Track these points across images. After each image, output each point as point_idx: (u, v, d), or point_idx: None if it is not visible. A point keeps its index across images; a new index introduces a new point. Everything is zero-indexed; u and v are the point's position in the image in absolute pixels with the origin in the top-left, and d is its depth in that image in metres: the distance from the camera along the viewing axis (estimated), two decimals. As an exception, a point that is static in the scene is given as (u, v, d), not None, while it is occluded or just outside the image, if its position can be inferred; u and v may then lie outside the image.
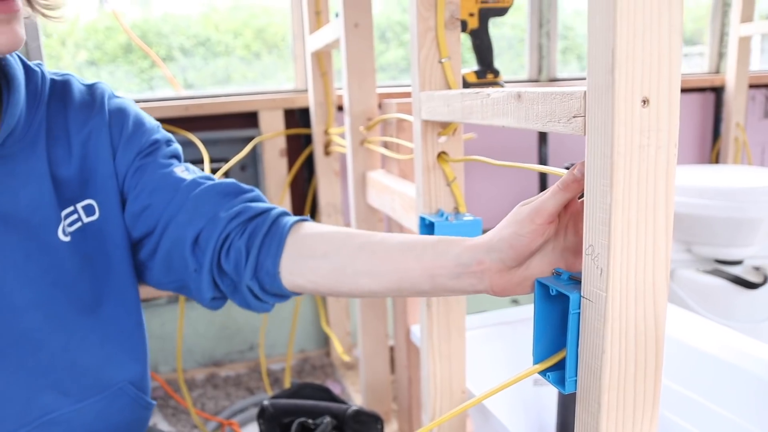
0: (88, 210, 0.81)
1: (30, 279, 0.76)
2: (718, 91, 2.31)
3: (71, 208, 0.79)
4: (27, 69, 0.78)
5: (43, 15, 0.76)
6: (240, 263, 0.76)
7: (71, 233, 0.79)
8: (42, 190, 0.76)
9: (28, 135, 0.76)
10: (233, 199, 0.80)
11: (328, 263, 0.72)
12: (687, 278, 1.76)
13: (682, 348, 1.06)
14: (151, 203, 0.79)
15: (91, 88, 0.84)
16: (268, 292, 0.77)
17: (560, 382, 0.53)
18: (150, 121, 0.85)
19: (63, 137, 0.80)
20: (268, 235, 0.76)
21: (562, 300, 0.53)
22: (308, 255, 0.73)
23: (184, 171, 0.82)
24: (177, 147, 0.86)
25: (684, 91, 2.21)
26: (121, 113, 0.83)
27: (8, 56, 0.76)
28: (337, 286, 0.72)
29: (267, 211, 0.79)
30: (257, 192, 0.83)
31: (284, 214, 0.79)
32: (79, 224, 0.80)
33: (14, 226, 0.75)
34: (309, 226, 0.77)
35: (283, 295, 0.78)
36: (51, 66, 1.73)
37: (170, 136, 0.86)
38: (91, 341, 0.82)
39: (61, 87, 0.82)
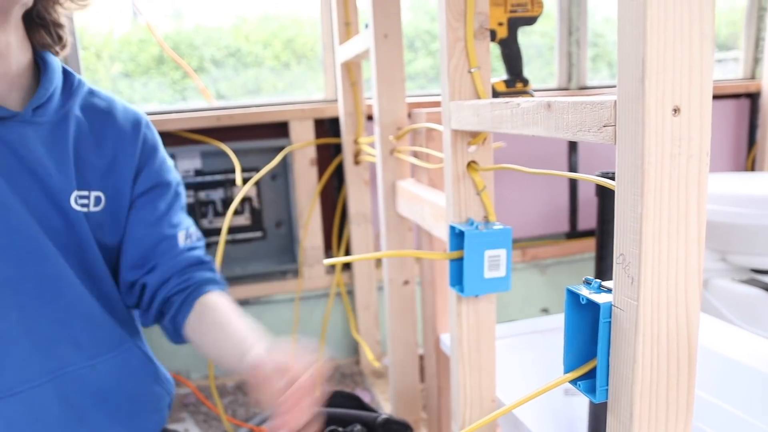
0: (97, 201, 0.93)
1: (52, 229, 0.87)
2: (753, 97, 2.27)
3: (86, 192, 0.92)
4: (66, 70, 0.92)
5: (72, 1, 0.91)
6: (167, 314, 0.97)
7: (84, 212, 0.91)
8: (62, 160, 0.88)
9: (58, 114, 0.89)
10: (191, 270, 1.01)
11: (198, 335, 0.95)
12: (722, 288, 1.73)
13: (717, 358, 1.04)
14: (143, 237, 0.98)
15: (136, 114, 1.00)
16: (178, 333, 0.98)
17: (591, 391, 0.53)
18: (170, 163, 1.05)
19: (98, 132, 0.95)
20: (186, 301, 0.97)
21: (593, 309, 0.53)
22: (195, 323, 0.95)
23: (183, 234, 1.03)
24: (184, 197, 1.07)
25: (718, 97, 2.18)
26: (154, 147, 1.02)
27: (50, 53, 0.91)
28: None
29: (200, 283, 1.00)
30: (210, 264, 1.04)
31: (209, 282, 1.01)
32: (86, 209, 0.92)
33: (37, 181, 0.86)
34: (210, 299, 0.98)
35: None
36: (87, 77, 1.77)
37: (182, 190, 1.06)
38: (98, 300, 0.92)
39: (109, 101, 0.98)
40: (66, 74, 0.92)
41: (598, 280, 0.54)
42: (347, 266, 1.86)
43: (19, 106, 0.87)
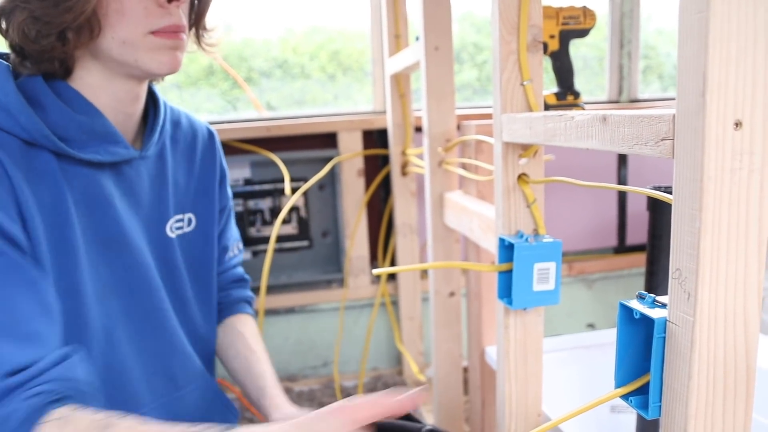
0: (189, 222, 0.97)
1: (156, 261, 0.90)
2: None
3: (181, 215, 0.95)
4: (156, 95, 0.95)
5: (204, 51, 0.94)
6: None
7: (177, 235, 0.95)
8: (163, 190, 0.91)
9: (158, 145, 0.92)
10: (231, 287, 1.10)
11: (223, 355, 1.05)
12: (778, 308, 1.68)
13: (773, 380, 1.01)
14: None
15: (208, 127, 1.05)
16: None
17: (643, 407, 0.53)
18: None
19: (187, 154, 0.98)
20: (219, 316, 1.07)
21: (646, 323, 0.52)
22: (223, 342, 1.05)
23: (235, 246, 1.12)
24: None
25: None
26: (223, 161, 1.06)
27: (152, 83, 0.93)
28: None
29: (235, 301, 1.10)
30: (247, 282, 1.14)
31: (243, 301, 1.11)
32: (180, 231, 0.95)
33: (144, 215, 0.89)
34: (240, 322, 1.07)
35: None
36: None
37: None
38: (186, 333, 0.95)
39: (186, 118, 1.01)
40: (158, 103, 0.94)
41: (653, 295, 0.53)
42: (392, 277, 1.87)
43: (134, 142, 0.89)
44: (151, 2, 0.76)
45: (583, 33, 1.01)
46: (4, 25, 0.76)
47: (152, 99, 0.93)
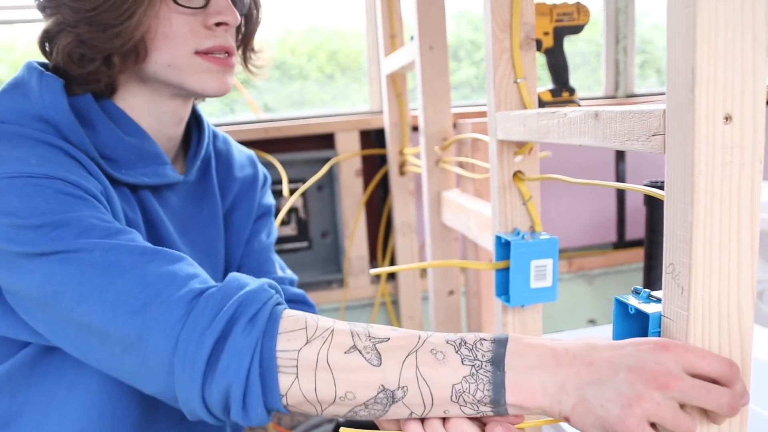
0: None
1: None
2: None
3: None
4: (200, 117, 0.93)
5: (252, 73, 0.94)
6: None
7: None
8: (213, 211, 0.91)
9: (202, 164, 0.90)
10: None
11: None
12: (778, 300, 1.68)
13: (773, 373, 1.01)
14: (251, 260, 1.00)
15: (251, 155, 1.04)
16: None
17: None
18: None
19: (225, 179, 0.95)
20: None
21: (642, 318, 0.52)
22: None
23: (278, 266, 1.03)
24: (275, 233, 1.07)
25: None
26: (270, 209, 1.03)
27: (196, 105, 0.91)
28: None
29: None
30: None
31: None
32: None
33: (191, 240, 0.87)
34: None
35: None
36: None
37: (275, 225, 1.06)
38: None
39: (226, 143, 0.99)
40: (202, 126, 0.92)
41: (647, 290, 0.54)
42: (392, 276, 1.87)
43: (175, 164, 0.88)
44: (198, 25, 0.75)
45: (577, 29, 1.01)
46: (48, 48, 0.76)
47: (196, 122, 0.91)
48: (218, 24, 0.76)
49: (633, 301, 0.53)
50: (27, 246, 0.62)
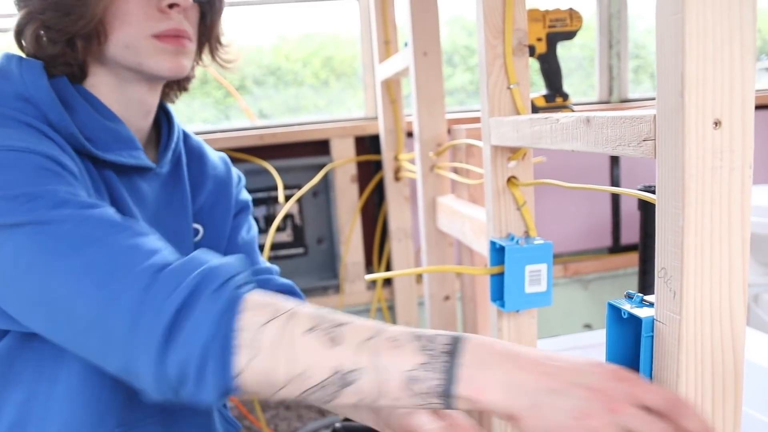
0: (196, 232, 0.96)
1: None
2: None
3: (197, 225, 0.96)
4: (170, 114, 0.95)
5: (222, 66, 0.96)
6: None
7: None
8: (183, 205, 0.92)
9: (172, 161, 0.92)
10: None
11: None
12: (772, 303, 1.68)
13: (767, 375, 1.01)
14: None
15: (224, 156, 1.05)
16: None
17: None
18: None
19: (199, 175, 0.97)
20: None
21: (635, 323, 0.52)
22: None
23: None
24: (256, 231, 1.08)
25: (764, 107, 2.13)
26: (247, 205, 1.04)
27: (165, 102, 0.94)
28: None
29: None
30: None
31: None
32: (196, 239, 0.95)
33: (169, 230, 0.86)
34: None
35: None
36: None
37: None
38: None
39: (198, 143, 1.01)
40: (172, 121, 0.95)
41: (640, 294, 0.54)
42: (388, 282, 1.87)
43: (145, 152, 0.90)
44: (152, 8, 0.79)
45: (570, 35, 1.01)
46: (21, 40, 0.80)
47: (166, 117, 0.94)
48: (171, 6, 0.79)
49: (626, 306, 0.53)
50: (0, 216, 0.63)
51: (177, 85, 0.96)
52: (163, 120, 0.94)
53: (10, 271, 0.64)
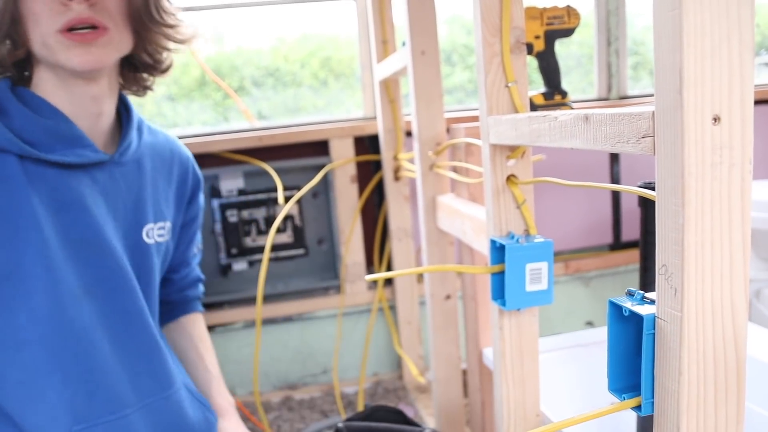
0: (168, 230, 1.00)
1: (133, 265, 0.92)
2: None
3: (162, 223, 0.98)
4: (130, 107, 0.98)
5: (179, 43, 0.96)
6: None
7: (156, 242, 0.98)
8: (140, 197, 0.94)
9: (136, 153, 0.94)
10: (189, 288, 1.18)
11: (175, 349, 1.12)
12: (774, 299, 1.68)
13: (770, 371, 1.01)
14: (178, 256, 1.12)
15: (183, 147, 1.10)
16: None
17: (637, 404, 0.53)
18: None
19: (165, 166, 1.01)
20: (174, 312, 1.16)
21: (636, 321, 0.52)
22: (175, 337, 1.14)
23: (196, 248, 1.17)
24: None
25: (765, 102, 2.13)
26: (200, 179, 1.12)
27: (124, 93, 0.96)
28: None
29: (190, 299, 1.18)
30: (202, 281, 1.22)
31: (196, 301, 1.20)
32: (162, 239, 0.99)
33: (119, 221, 0.91)
34: (191, 321, 1.16)
35: None
36: (133, 102, 1.83)
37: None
38: (159, 334, 0.97)
39: (162, 135, 1.05)
40: (130, 111, 0.98)
41: (641, 292, 0.54)
42: (389, 281, 1.87)
43: (106, 147, 0.92)
44: (55, 2, 0.79)
45: (568, 32, 1.01)
46: None
47: (125, 109, 0.96)
48: None
49: (627, 304, 0.53)
50: None
51: (140, 76, 0.96)
52: (123, 111, 0.96)
53: None
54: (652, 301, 0.51)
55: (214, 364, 1.10)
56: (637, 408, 0.52)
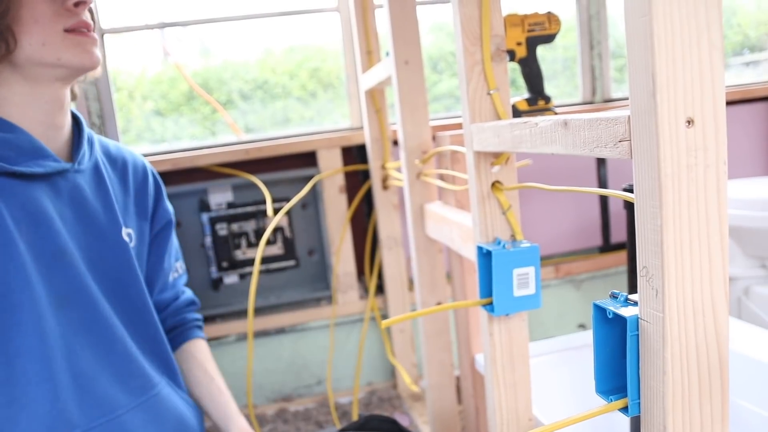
0: (130, 237, 1.01)
1: (104, 271, 0.93)
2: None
3: (129, 230, 1.00)
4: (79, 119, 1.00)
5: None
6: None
7: (132, 244, 0.99)
8: (107, 202, 0.96)
9: (91, 161, 0.97)
10: (184, 311, 1.19)
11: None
12: (763, 295, 1.69)
13: (758, 366, 1.02)
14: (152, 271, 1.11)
15: (139, 156, 1.12)
16: None
17: (624, 406, 0.53)
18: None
19: (120, 175, 1.03)
20: (176, 339, 1.16)
21: (620, 322, 0.53)
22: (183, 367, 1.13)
23: (179, 265, 1.18)
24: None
25: (749, 101, 2.15)
26: (160, 185, 1.13)
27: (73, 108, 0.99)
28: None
29: (190, 325, 1.18)
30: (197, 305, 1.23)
31: (196, 326, 1.20)
32: (130, 243, 0.99)
33: (90, 225, 0.93)
34: (196, 348, 1.16)
35: None
36: (121, 117, 1.83)
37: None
38: (138, 339, 0.98)
39: (115, 145, 1.08)
40: (80, 123, 1.00)
41: (625, 294, 0.54)
42: (380, 290, 1.87)
43: (65, 156, 0.94)
44: (59, 6, 0.85)
45: (549, 38, 1.02)
46: None
47: (75, 121, 0.98)
48: (77, 4, 0.86)
49: (611, 306, 0.54)
50: None
51: (74, 86, 1.00)
52: (73, 124, 0.98)
53: None
54: (636, 303, 0.52)
55: (225, 386, 1.10)
56: (624, 409, 0.53)
